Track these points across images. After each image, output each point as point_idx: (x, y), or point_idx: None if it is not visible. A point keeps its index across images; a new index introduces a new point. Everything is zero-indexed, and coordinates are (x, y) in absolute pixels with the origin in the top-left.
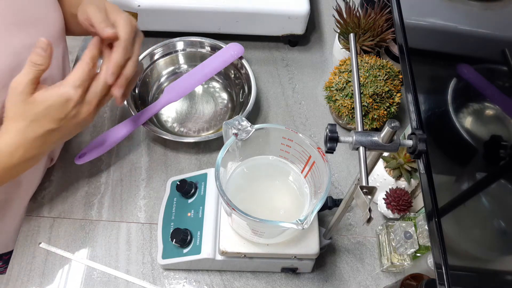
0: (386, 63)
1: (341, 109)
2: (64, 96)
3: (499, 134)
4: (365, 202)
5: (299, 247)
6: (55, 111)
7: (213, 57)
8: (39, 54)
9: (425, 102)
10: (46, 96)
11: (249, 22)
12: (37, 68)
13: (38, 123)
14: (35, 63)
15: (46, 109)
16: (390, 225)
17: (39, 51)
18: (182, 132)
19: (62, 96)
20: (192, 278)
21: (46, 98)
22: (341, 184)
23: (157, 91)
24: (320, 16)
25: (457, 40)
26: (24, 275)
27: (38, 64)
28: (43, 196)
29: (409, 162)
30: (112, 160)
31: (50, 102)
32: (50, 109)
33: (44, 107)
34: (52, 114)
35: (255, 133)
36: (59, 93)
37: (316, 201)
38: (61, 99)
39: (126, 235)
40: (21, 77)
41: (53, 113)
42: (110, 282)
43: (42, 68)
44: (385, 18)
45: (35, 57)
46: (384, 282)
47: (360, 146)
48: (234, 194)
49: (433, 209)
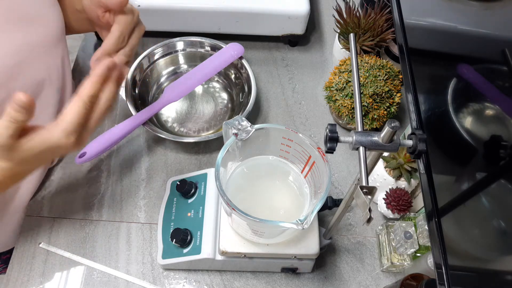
0: (386, 63)
1: (341, 109)
2: (55, 145)
3: (499, 134)
4: (365, 202)
5: (299, 247)
6: (44, 155)
7: (213, 57)
8: (18, 111)
9: (425, 102)
10: (34, 145)
11: (249, 22)
12: (18, 124)
13: (26, 164)
14: (16, 120)
15: (34, 155)
16: (390, 225)
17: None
18: (182, 132)
19: (53, 145)
20: (192, 278)
21: (34, 146)
22: (341, 184)
23: (157, 91)
24: (320, 16)
25: (457, 40)
26: (24, 275)
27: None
28: (43, 196)
29: (409, 162)
30: (112, 160)
31: (39, 150)
32: (39, 155)
33: (32, 154)
34: (41, 158)
35: (255, 133)
36: (50, 142)
37: (316, 201)
38: (52, 147)
39: (126, 235)
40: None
41: (42, 157)
42: (110, 282)
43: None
44: (385, 18)
45: (16, 114)
46: (384, 282)
47: (360, 146)
48: (234, 194)
49: (433, 209)
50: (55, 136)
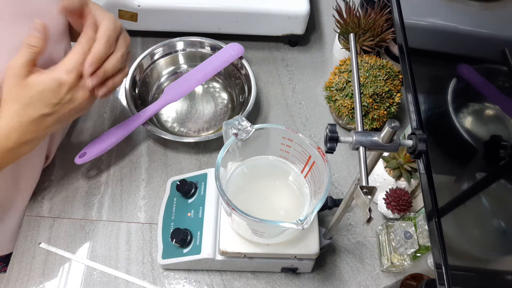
0: (386, 63)
1: (341, 109)
2: (56, 81)
3: (499, 134)
4: (365, 202)
5: (299, 247)
6: (48, 96)
7: (213, 57)
8: (35, 36)
9: (425, 102)
10: (39, 80)
11: (249, 22)
12: (32, 50)
13: (32, 107)
14: (30, 45)
15: (39, 93)
16: (390, 225)
17: (35, 32)
18: (182, 132)
19: (54, 81)
20: (192, 278)
21: (39, 82)
22: (341, 184)
23: (157, 91)
24: (320, 16)
25: (457, 40)
26: (24, 275)
27: (32, 46)
28: (43, 196)
29: (409, 162)
30: (112, 160)
31: (43, 86)
32: (44, 93)
33: (37, 91)
34: (45, 98)
35: (255, 133)
36: (51, 77)
37: (316, 201)
38: (54, 84)
39: (126, 235)
40: (16, 58)
41: (46, 97)
42: (110, 282)
43: (37, 50)
44: (385, 18)
45: (31, 39)
46: (384, 282)
47: (360, 146)
48: (234, 194)
49: (433, 209)
50: (57, 71)
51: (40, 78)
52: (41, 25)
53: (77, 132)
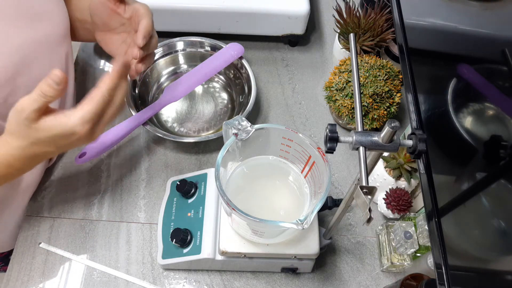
0: (386, 63)
1: (341, 109)
2: (70, 131)
3: (499, 134)
4: (365, 202)
5: (299, 247)
6: (58, 140)
7: (213, 57)
8: (52, 87)
9: (425, 102)
10: (52, 126)
11: (249, 22)
12: (47, 100)
13: (38, 145)
14: (46, 95)
15: (49, 137)
16: (390, 225)
17: (52, 83)
18: (182, 132)
19: (68, 130)
20: (192, 278)
21: (51, 127)
22: (341, 184)
23: (157, 91)
24: (320, 16)
25: (457, 40)
26: (24, 275)
27: (49, 96)
28: (43, 196)
29: (409, 162)
30: (112, 160)
31: (55, 133)
32: (53, 138)
33: (47, 135)
34: (54, 141)
35: (255, 133)
36: (66, 127)
37: (316, 201)
38: (66, 132)
39: (126, 235)
40: (28, 103)
41: (55, 141)
42: (110, 282)
43: (51, 100)
44: (385, 18)
45: (48, 89)
46: (384, 282)
47: (360, 146)
48: (234, 194)
49: (433, 209)
50: (72, 121)
51: (52, 123)
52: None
53: None
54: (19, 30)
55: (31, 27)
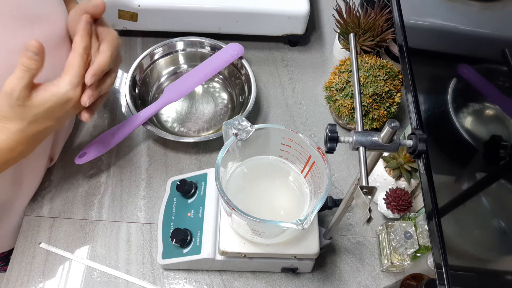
0: (386, 63)
1: (341, 109)
2: (64, 97)
3: (499, 134)
4: (365, 202)
5: (299, 247)
6: (54, 111)
7: (213, 57)
8: (31, 58)
9: (425, 102)
10: (45, 98)
11: (249, 22)
12: (32, 73)
13: (37, 123)
14: (30, 68)
15: (45, 111)
16: (390, 225)
17: (31, 54)
18: (182, 132)
19: (62, 98)
20: (192, 278)
21: (45, 99)
22: (341, 184)
23: (157, 91)
24: (320, 16)
25: (457, 40)
26: (24, 275)
27: (33, 69)
28: (43, 196)
29: (409, 162)
30: (112, 160)
31: (50, 104)
32: (50, 110)
33: (43, 109)
34: (51, 114)
35: (255, 133)
36: (59, 95)
37: (316, 201)
38: (61, 101)
39: (126, 235)
40: (15, 82)
41: (52, 113)
42: (110, 282)
43: (35, 72)
44: (385, 18)
45: (29, 62)
46: (384, 282)
47: (360, 146)
48: (234, 194)
49: (433, 209)
50: (62, 87)
51: (45, 96)
52: (35, 46)
53: (77, 132)
54: (20, 32)
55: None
